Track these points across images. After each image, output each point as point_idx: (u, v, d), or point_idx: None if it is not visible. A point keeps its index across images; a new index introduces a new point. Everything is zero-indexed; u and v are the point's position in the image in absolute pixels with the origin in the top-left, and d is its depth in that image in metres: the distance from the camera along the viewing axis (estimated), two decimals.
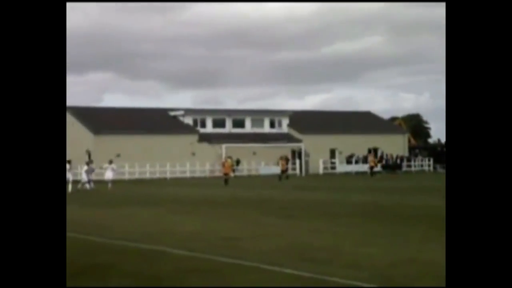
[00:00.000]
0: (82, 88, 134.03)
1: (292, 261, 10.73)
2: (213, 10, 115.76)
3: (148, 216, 19.92)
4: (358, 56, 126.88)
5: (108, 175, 38.10)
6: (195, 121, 67.06)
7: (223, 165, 45.02)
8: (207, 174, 60.77)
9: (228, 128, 68.93)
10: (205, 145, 63.75)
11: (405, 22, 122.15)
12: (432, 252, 11.40)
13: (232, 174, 55.98)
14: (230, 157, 49.69)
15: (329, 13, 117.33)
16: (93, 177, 38.13)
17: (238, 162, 61.75)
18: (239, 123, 69.88)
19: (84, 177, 37.26)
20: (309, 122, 72.92)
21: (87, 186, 36.22)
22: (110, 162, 39.81)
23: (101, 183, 39.19)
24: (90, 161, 39.73)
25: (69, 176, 35.40)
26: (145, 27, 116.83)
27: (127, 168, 55.91)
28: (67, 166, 35.96)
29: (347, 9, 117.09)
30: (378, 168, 68.31)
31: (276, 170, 63.71)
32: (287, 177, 48.72)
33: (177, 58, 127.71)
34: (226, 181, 41.34)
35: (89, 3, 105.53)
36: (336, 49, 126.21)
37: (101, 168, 40.95)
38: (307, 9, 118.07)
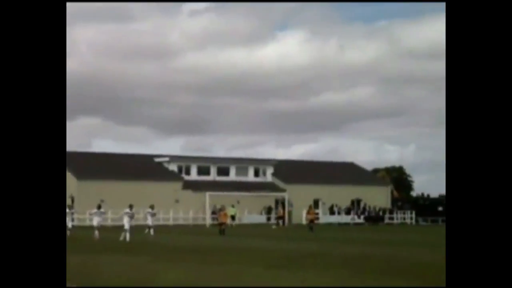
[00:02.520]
0: (71, 133, 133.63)
1: None
2: (207, 57, 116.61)
3: (130, 263, 19.60)
4: (346, 107, 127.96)
5: (97, 220, 36.06)
6: (180, 168, 66.89)
7: (220, 214, 43.29)
8: (190, 221, 60.28)
9: (213, 175, 68.79)
10: (189, 193, 63.43)
11: (395, 75, 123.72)
12: None
13: (232, 223, 55.52)
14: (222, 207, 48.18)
15: (319, 64, 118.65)
16: (73, 223, 37.38)
17: (221, 210, 61.39)
18: (223, 171, 69.79)
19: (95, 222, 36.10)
20: (293, 171, 72.99)
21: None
22: (99, 207, 37.86)
23: (85, 228, 38.69)
24: (71, 206, 38.76)
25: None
26: (138, 73, 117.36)
27: (110, 214, 55.36)
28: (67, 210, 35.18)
29: (338, 60, 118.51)
30: (360, 220, 68.22)
31: (259, 219, 63.44)
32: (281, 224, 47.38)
33: (169, 105, 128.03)
34: (222, 231, 39.15)
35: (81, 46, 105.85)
36: (325, 100, 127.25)
37: (90, 214, 39.97)
38: (298, 59, 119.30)
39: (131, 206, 34.93)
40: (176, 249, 26.37)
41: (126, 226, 32.47)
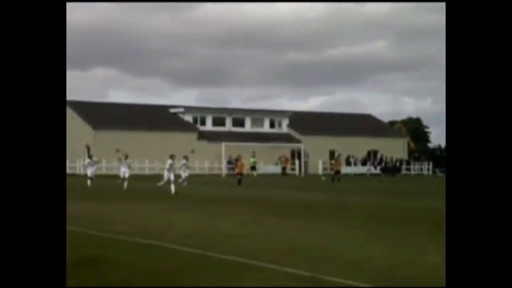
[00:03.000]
0: (87, 84, 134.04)
1: (291, 259, 10.63)
2: (222, 9, 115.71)
3: (147, 212, 19.82)
4: (362, 59, 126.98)
5: (124, 170, 33.51)
6: (195, 119, 67.02)
7: (237, 164, 42.75)
8: (206, 171, 60.67)
9: (228, 126, 68.89)
10: (204, 143, 63.68)
11: (412, 27, 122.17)
12: (432, 255, 11.31)
13: (253, 173, 55.43)
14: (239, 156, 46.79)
15: (336, 16, 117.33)
16: (94, 171, 36.62)
17: (237, 160, 61.72)
18: (239, 122, 69.84)
19: (88, 171, 35.41)
20: (309, 123, 72.89)
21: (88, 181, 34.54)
22: (126, 157, 35.09)
23: (101, 177, 38.99)
24: (90, 155, 37.83)
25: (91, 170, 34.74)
26: (153, 25, 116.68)
27: (136, 164, 55.79)
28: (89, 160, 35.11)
29: (354, 12, 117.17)
30: (377, 170, 68.33)
31: (275, 169, 63.67)
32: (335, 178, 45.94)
33: (184, 56, 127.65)
34: (239, 181, 38.68)
35: None
36: (341, 52, 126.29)
37: (120, 160, 36.84)
38: (315, 11, 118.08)
39: (126, 156, 35.01)
40: (193, 198, 26.61)
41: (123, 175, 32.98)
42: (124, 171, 33.37)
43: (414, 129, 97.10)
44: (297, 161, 66.00)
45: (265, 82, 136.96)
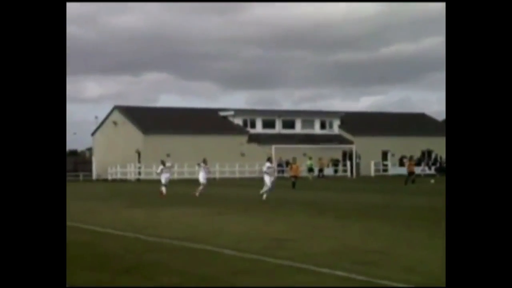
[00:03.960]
0: (138, 88, 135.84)
1: (344, 263, 10.55)
2: (272, 11, 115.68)
3: (198, 216, 19.97)
4: (415, 57, 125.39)
5: (202, 176, 31.56)
6: (245, 122, 67.24)
7: (291, 167, 41.53)
8: (257, 174, 60.77)
9: (278, 128, 68.89)
10: (254, 146, 63.82)
11: None
12: None
13: (311, 175, 54.90)
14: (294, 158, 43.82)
15: (389, 14, 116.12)
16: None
17: (287, 163, 61.79)
18: (289, 124, 69.78)
19: (162, 178, 32.94)
20: (360, 123, 72.35)
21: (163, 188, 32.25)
22: (205, 161, 32.79)
23: (151, 182, 39.22)
24: (163, 162, 35.06)
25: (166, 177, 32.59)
26: (203, 27, 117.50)
27: (176, 168, 56.39)
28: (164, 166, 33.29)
29: (408, 10, 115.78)
30: (431, 171, 67.36)
31: (327, 171, 63.34)
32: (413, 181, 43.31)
33: (234, 59, 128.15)
34: (293, 184, 37.85)
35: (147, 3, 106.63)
36: (394, 50, 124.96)
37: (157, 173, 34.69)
38: (367, 10, 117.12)
39: (205, 161, 32.91)
40: (245, 201, 26.68)
41: (202, 180, 31.29)
42: (203, 176, 31.41)
43: None
44: (348, 163, 65.57)
45: (316, 83, 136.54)
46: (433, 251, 11.80)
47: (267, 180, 27.79)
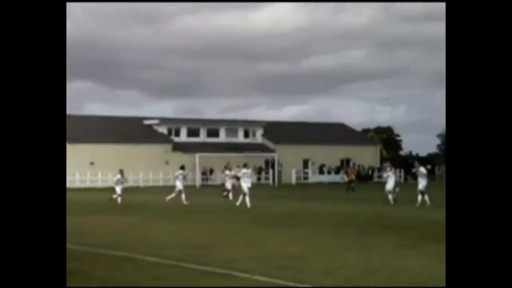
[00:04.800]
0: None
1: (264, 268, 10.60)
2: (199, 21, 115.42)
3: (122, 223, 19.67)
4: (338, 69, 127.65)
5: (179, 184, 30.07)
6: (169, 130, 66.77)
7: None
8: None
9: (203, 137, 68.74)
10: (179, 154, 63.43)
11: (388, 37, 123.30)
12: (403, 259, 11.36)
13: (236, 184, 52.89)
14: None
15: (313, 27, 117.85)
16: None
17: (211, 171, 61.76)
18: (213, 133, 69.73)
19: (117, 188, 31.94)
20: (282, 132, 73.03)
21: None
22: (182, 168, 31.84)
23: (79, 190, 38.49)
24: (121, 171, 33.60)
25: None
26: (130, 37, 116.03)
27: (100, 176, 55.46)
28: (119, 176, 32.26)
29: (331, 23, 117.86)
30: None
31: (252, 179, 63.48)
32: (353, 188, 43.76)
33: (161, 68, 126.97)
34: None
35: (73, 3, 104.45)
36: (317, 62, 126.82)
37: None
38: (292, 22, 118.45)
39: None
40: (169, 208, 26.47)
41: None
42: (179, 185, 30.01)
43: (386, 137, 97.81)
44: (271, 171, 66.03)
45: (242, 92, 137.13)
46: (351, 255, 12.00)
47: (244, 186, 27.60)
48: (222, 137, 70.02)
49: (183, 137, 67.22)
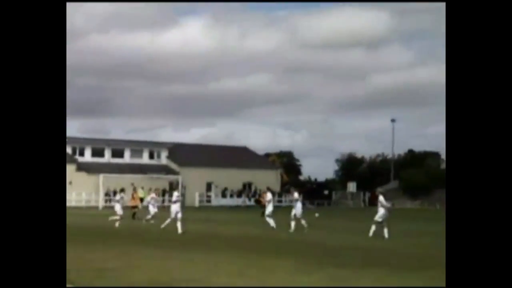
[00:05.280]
0: None
1: None
2: (106, 40, 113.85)
3: None
4: (244, 93, 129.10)
5: (117, 207, 30.54)
6: (74, 150, 65.31)
7: (132, 197, 38.84)
8: (83, 203, 59.07)
9: (107, 157, 67.63)
10: (83, 175, 62.09)
11: (291, 64, 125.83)
12: (299, 283, 11.63)
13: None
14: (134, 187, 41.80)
15: (220, 50, 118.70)
16: None
17: (115, 192, 60.68)
18: (118, 153, 68.76)
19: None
20: (187, 154, 72.91)
21: None
22: (122, 190, 32.37)
23: None
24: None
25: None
26: None
27: None
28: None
29: (238, 48, 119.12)
30: (251, 202, 69.15)
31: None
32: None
33: (68, 86, 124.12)
34: (134, 214, 35.75)
35: None
36: (224, 85, 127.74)
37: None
38: (200, 45, 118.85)
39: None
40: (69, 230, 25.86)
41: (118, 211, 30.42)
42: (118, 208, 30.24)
43: (287, 162, 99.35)
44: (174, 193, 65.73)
45: (150, 113, 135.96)
46: (248, 279, 12.18)
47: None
48: (127, 158, 69.16)
49: (87, 157, 65.90)
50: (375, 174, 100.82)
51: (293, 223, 27.49)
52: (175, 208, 26.73)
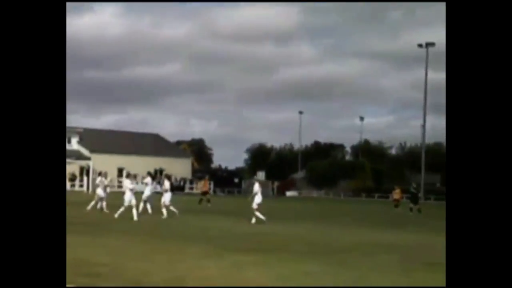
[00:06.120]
0: None
1: (71, 276, 10.46)
2: None
3: None
4: (157, 81, 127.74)
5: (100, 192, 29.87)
6: None
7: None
8: None
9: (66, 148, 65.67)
10: None
11: (203, 54, 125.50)
12: (206, 269, 11.75)
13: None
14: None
15: (134, 38, 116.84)
16: None
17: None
18: None
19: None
20: (99, 140, 71.63)
21: None
22: (100, 174, 31.26)
23: None
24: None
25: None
26: None
27: None
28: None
29: (152, 36, 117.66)
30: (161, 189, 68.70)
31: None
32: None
33: None
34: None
35: None
36: (137, 73, 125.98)
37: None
38: (115, 32, 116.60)
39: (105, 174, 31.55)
40: None
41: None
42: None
43: (198, 150, 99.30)
44: (85, 178, 64.44)
45: None
46: (155, 264, 12.19)
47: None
48: None
49: None
50: (284, 164, 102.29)
51: (164, 210, 26.95)
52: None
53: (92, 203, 29.57)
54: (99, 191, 29.26)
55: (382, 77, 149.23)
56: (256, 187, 25.05)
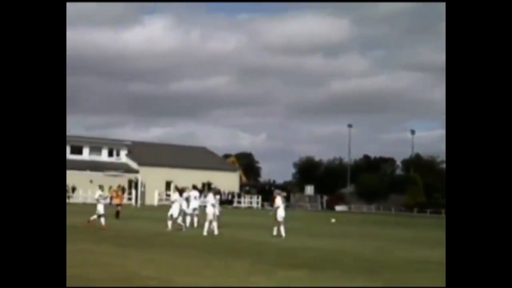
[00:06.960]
0: None
1: None
2: (71, 36, 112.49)
3: None
4: (204, 94, 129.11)
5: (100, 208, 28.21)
6: None
7: (116, 195, 37.84)
8: None
9: (66, 154, 66.97)
10: None
11: (252, 67, 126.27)
12: (255, 284, 11.83)
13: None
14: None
15: (182, 51, 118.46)
16: None
17: (74, 189, 60.20)
18: (77, 150, 68.09)
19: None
20: (147, 153, 72.60)
21: None
22: (100, 187, 30.25)
23: None
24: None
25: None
26: None
27: None
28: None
29: (200, 49, 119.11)
30: None
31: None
32: None
33: None
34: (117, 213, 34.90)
35: None
36: (185, 86, 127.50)
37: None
38: (163, 45, 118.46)
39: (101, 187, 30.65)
40: None
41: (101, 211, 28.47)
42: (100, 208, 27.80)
43: (246, 163, 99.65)
44: (134, 191, 65.32)
45: (110, 111, 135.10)
46: (205, 278, 12.33)
47: (210, 212, 24.79)
48: (86, 155, 68.55)
49: None
50: (333, 178, 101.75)
51: (170, 223, 26.71)
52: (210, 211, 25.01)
53: (92, 217, 28.51)
54: (100, 207, 27.76)
55: (433, 90, 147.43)
56: (279, 200, 24.91)
